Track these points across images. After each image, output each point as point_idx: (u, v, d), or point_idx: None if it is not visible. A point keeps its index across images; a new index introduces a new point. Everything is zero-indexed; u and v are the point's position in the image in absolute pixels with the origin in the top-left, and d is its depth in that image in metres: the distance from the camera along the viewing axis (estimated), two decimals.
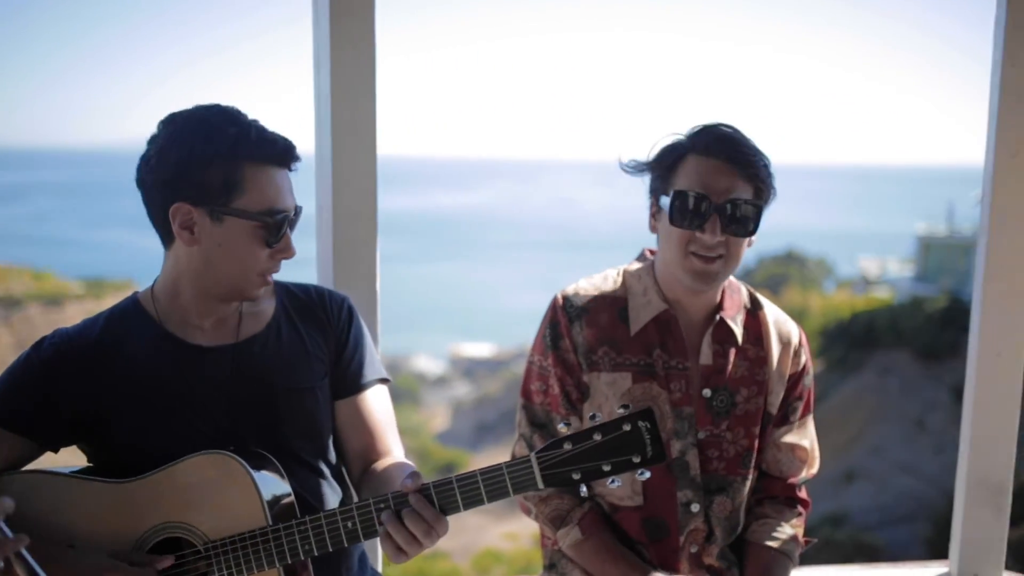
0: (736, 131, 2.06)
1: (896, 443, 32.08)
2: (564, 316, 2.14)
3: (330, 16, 2.30)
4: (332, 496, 1.94)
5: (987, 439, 2.53)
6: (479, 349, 47.58)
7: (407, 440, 2.00)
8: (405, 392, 35.08)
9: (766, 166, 2.03)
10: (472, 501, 1.66)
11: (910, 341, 34.45)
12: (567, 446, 1.60)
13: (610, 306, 2.14)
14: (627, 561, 2.09)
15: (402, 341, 43.16)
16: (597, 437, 1.60)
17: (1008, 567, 2.56)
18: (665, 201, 2.04)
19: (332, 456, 1.97)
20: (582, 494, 1.63)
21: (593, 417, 1.62)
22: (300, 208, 1.88)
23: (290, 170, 1.86)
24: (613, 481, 1.60)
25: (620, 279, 2.19)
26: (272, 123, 1.84)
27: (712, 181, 1.99)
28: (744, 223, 2.00)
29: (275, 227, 1.81)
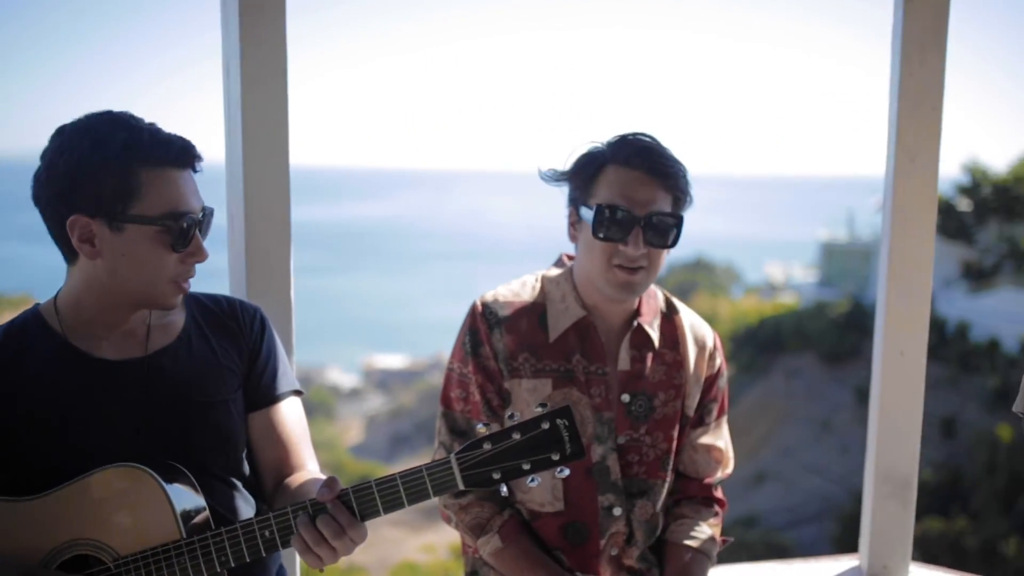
0: (655, 140, 2.08)
1: (804, 444, 32.91)
2: (484, 323, 2.13)
3: (239, 21, 2.25)
4: (247, 510, 1.89)
5: (892, 435, 2.60)
6: (393, 360, 47.27)
7: (321, 454, 1.97)
8: (318, 405, 34.60)
9: (684, 176, 2.06)
10: (392, 504, 1.64)
11: (815, 345, 35.43)
12: (486, 446, 1.60)
13: (529, 312, 2.14)
14: (547, 567, 2.09)
15: (315, 354, 42.60)
16: (516, 436, 1.59)
17: (915, 558, 2.64)
18: (586, 212, 2.04)
19: (245, 469, 1.93)
20: (502, 494, 1.63)
21: (512, 417, 1.62)
22: (210, 209, 1.82)
23: (194, 171, 1.80)
24: (533, 480, 1.60)
25: (539, 285, 2.19)
26: (181, 130, 1.79)
27: (634, 193, 2.00)
28: (666, 235, 2.03)
29: (180, 231, 1.75)
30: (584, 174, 2.07)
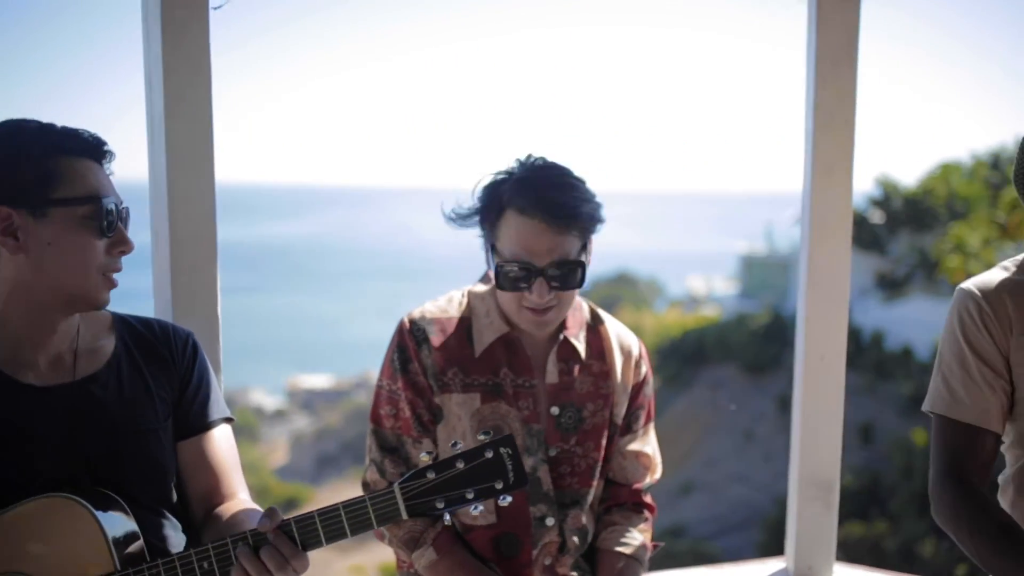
0: (556, 177, 2.06)
1: (728, 454, 33.40)
2: (412, 340, 2.14)
3: (162, 35, 2.23)
4: (177, 541, 1.85)
5: (815, 439, 2.67)
6: (318, 381, 46.68)
7: (246, 477, 1.94)
8: (242, 428, 33.97)
9: (589, 213, 2.05)
10: (335, 535, 1.62)
11: (737, 356, 36.05)
12: (430, 475, 1.60)
13: (457, 328, 2.16)
14: None
15: (237, 376, 41.81)
16: (460, 465, 1.60)
17: (838, 559, 2.71)
18: (492, 255, 2.07)
19: (174, 498, 1.89)
20: (445, 522, 1.64)
21: (454, 445, 1.63)
22: (127, 208, 1.79)
23: (101, 166, 1.76)
24: (476, 508, 1.61)
25: (465, 301, 2.21)
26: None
27: (535, 244, 2.01)
28: (570, 279, 2.05)
29: (105, 213, 1.71)
30: (488, 214, 2.09)
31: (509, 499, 1.62)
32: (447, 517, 1.62)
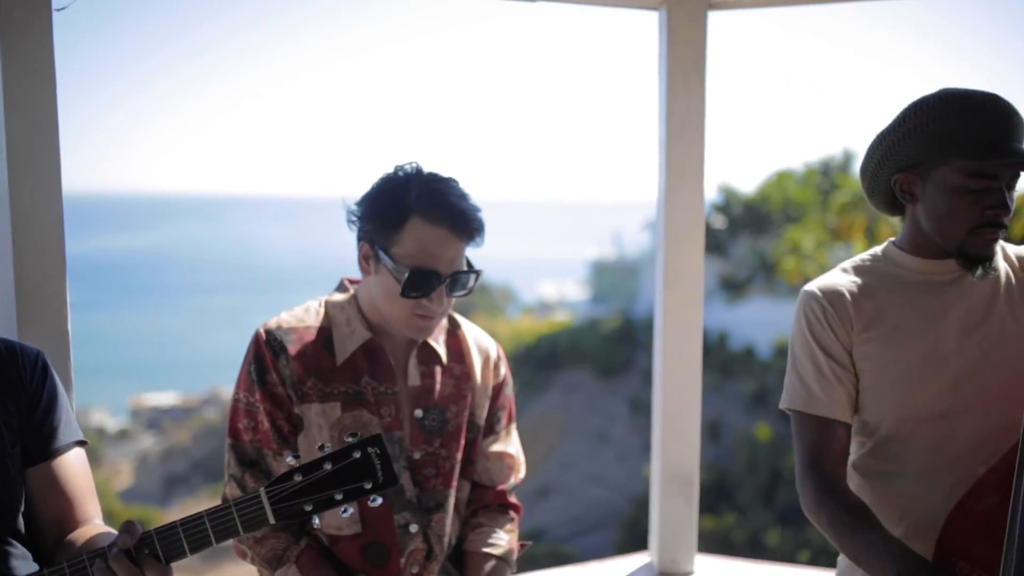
0: (456, 188, 2.10)
1: (583, 456, 34.06)
2: (268, 350, 2.10)
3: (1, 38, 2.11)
4: (26, 570, 1.75)
5: (675, 434, 2.76)
6: (164, 398, 44.97)
7: None
8: None
9: (483, 223, 2.10)
10: (199, 544, 1.58)
11: (590, 359, 36.84)
12: (297, 478, 1.58)
13: (315, 337, 2.14)
14: None
15: (77, 396, 39.75)
16: (328, 466, 1.58)
17: (700, 551, 2.81)
18: (389, 262, 2.06)
19: (21, 526, 1.79)
20: (314, 524, 1.61)
21: (321, 447, 1.61)
22: None
23: None
24: (346, 510, 1.59)
25: (322, 310, 2.19)
26: None
27: (440, 252, 2.04)
28: (467, 287, 2.11)
29: None
30: (387, 220, 2.08)
31: (380, 500, 1.60)
32: (315, 521, 1.59)
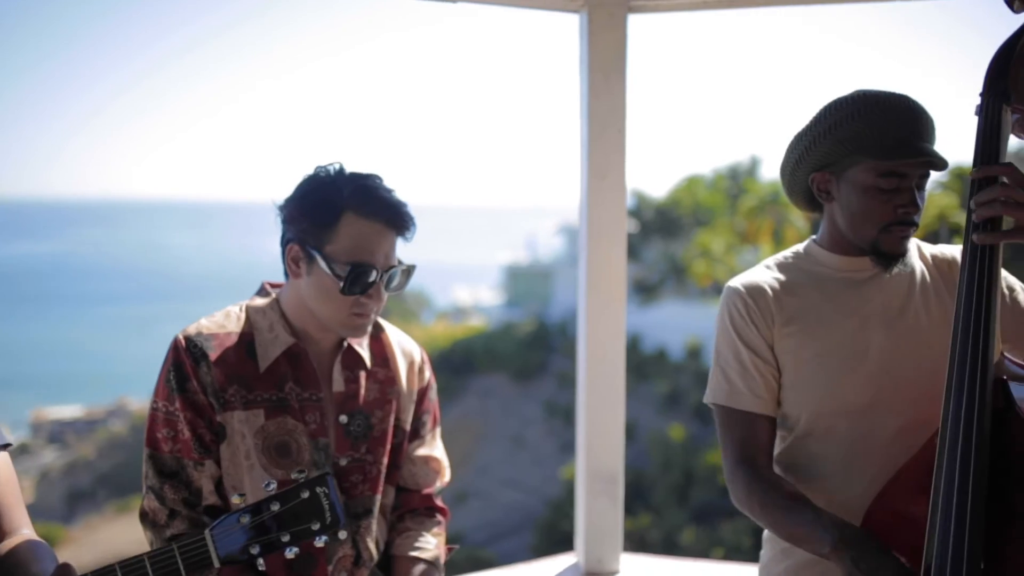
0: (386, 185, 2.09)
1: (500, 460, 34.16)
2: (188, 357, 2.04)
3: None
4: None
5: (599, 434, 2.78)
6: (67, 411, 43.56)
7: None
8: None
9: (413, 217, 2.09)
10: None
11: (505, 364, 36.98)
12: (244, 519, 1.53)
13: (237, 343, 2.08)
14: None
15: None
16: (275, 507, 1.53)
17: (625, 549, 2.83)
18: (324, 260, 2.02)
19: None
20: (259, 568, 1.56)
21: (268, 486, 1.56)
22: None
23: None
24: (291, 550, 1.55)
25: (244, 315, 2.14)
26: None
27: (376, 248, 2.02)
28: (403, 282, 2.09)
29: None
30: (320, 218, 2.05)
31: (325, 539, 1.57)
32: (261, 563, 1.55)
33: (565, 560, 2.87)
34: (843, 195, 1.91)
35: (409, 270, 2.10)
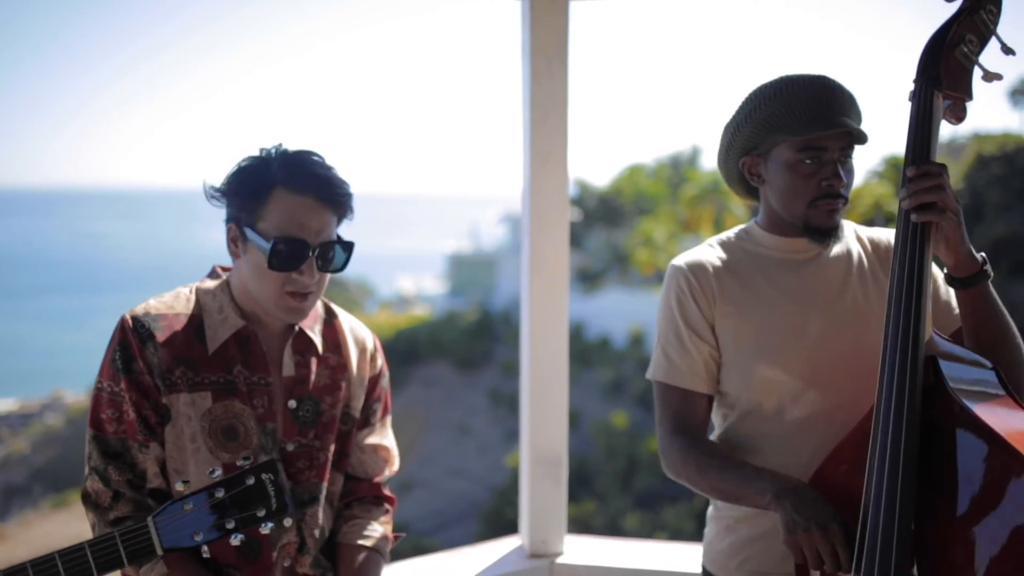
0: (322, 161, 2.06)
1: (444, 450, 34.13)
2: (135, 337, 2.01)
3: None
4: None
5: (543, 417, 2.79)
6: (0, 405, 42.52)
7: None
8: None
9: (351, 197, 2.06)
10: None
11: (449, 353, 36.93)
12: (187, 507, 1.52)
13: (185, 325, 2.05)
14: None
15: None
16: (220, 494, 1.52)
17: (570, 531, 2.85)
18: (255, 237, 1.99)
19: None
20: (203, 555, 1.54)
21: (213, 472, 1.55)
22: None
23: None
24: (236, 536, 1.53)
25: (193, 297, 2.11)
26: None
27: (307, 221, 1.98)
28: (337, 260, 2.04)
29: None
30: (251, 194, 2.01)
31: (271, 525, 1.56)
32: (205, 550, 1.54)
33: (510, 543, 2.88)
34: (771, 176, 1.96)
35: (347, 248, 2.05)
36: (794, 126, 1.88)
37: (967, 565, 1.59)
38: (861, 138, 1.91)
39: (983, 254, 1.81)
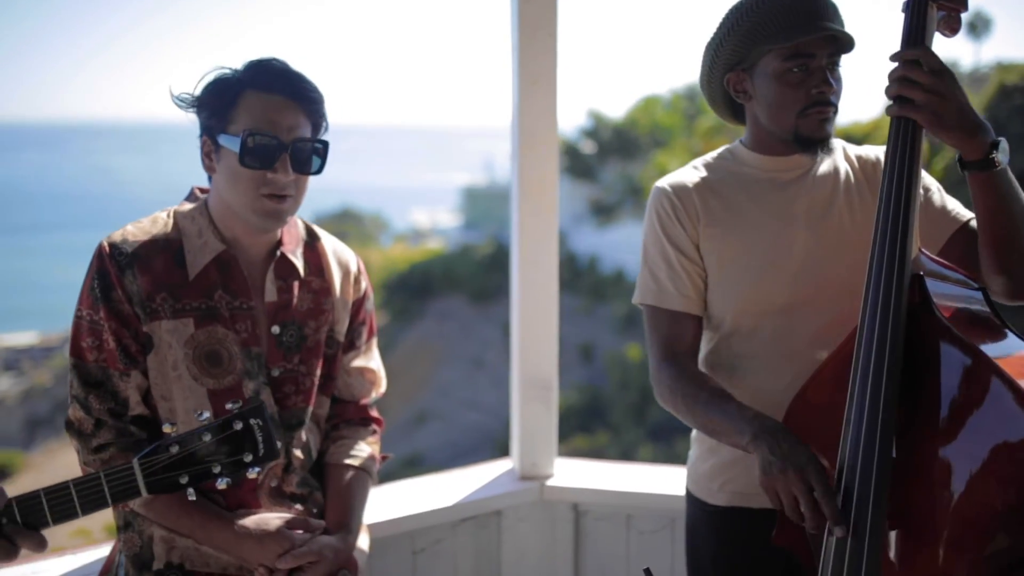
0: (289, 65, 2.03)
1: (459, 382, 34.42)
2: (113, 265, 1.98)
3: None
4: None
5: (533, 340, 2.77)
6: (22, 338, 43.14)
7: None
8: None
9: (323, 101, 2.04)
10: (63, 515, 1.49)
11: (463, 286, 37.03)
12: (173, 449, 1.49)
13: (164, 250, 2.03)
14: (201, 510, 2.02)
15: None
16: (207, 438, 1.50)
17: (560, 455, 2.86)
18: (227, 140, 1.95)
19: None
20: (189, 498, 1.54)
21: (200, 416, 1.54)
22: None
23: None
24: (222, 480, 1.53)
25: (171, 221, 2.07)
26: None
27: (279, 119, 1.95)
28: (313, 161, 2.01)
29: None
30: (220, 100, 1.98)
31: (258, 470, 1.55)
32: (191, 492, 1.53)
33: (501, 465, 2.89)
34: (758, 89, 1.91)
35: (322, 151, 2.01)
36: (780, 34, 1.83)
37: (947, 482, 1.58)
38: (848, 44, 1.86)
39: (1000, 139, 1.68)
